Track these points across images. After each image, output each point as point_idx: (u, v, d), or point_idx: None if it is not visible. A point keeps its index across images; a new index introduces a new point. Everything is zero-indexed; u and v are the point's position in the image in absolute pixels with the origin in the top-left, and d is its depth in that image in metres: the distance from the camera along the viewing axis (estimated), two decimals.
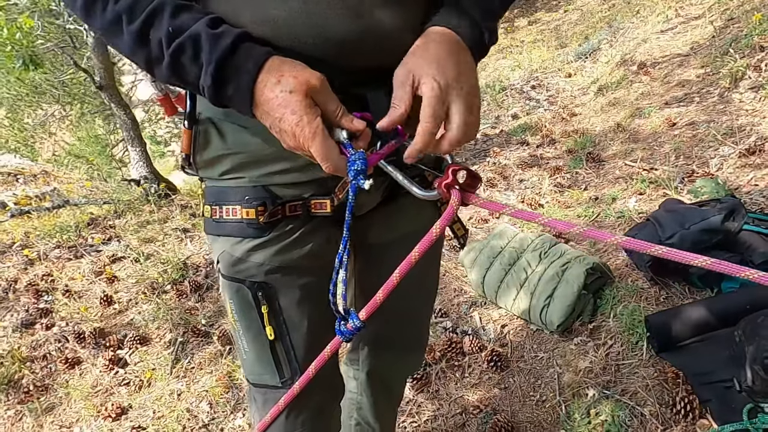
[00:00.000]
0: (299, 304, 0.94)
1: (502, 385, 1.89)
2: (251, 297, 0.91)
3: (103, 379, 2.33)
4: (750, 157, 2.62)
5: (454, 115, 0.71)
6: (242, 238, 0.88)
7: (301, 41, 0.74)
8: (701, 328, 1.64)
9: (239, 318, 0.94)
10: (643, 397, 1.61)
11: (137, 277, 3.00)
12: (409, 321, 1.22)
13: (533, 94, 5.27)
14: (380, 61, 0.78)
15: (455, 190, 0.76)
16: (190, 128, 0.86)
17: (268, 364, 0.96)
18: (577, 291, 1.97)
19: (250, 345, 0.95)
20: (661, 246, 0.62)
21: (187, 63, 0.69)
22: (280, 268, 0.90)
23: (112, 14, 0.71)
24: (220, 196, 0.89)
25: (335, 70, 0.75)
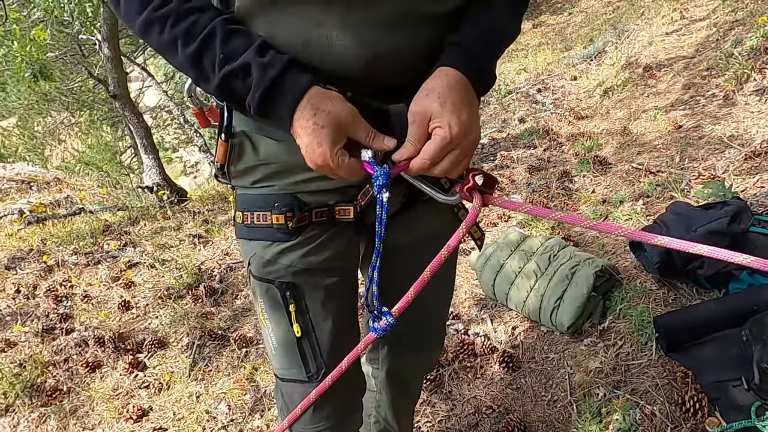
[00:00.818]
0: (324, 303, 1.01)
1: (514, 385, 1.94)
2: (280, 296, 0.98)
3: (123, 382, 2.39)
4: (756, 159, 2.65)
5: (448, 158, 0.79)
6: (272, 241, 0.95)
7: (327, 62, 0.81)
8: (709, 328, 1.68)
9: (269, 316, 1.01)
10: (653, 397, 1.65)
11: (153, 283, 3.06)
12: (428, 321, 1.29)
13: (539, 98, 5.31)
14: (401, 79, 0.86)
15: (476, 193, 0.83)
16: (227, 141, 0.93)
17: (296, 360, 1.02)
18: (587, 293, 2.01)
19: (279, 341, 1.02)
20: (664, 237, 0.67)
21: (237, 86, 0.78)
22: (306, 269, 0.97)
23: (169, 37, 0.79)
24: (251, 203, 0.96)
25: (359, 88, 0.83)
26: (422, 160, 0.78)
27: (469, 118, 0.78)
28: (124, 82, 4.05)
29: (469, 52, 0.83)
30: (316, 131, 0.76)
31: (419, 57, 0.86)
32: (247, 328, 2.59)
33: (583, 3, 8.82)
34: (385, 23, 0.80)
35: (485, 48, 0.86)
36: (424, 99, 0.78)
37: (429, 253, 1.10)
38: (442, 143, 0.77)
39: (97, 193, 5.31)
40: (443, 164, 0.79)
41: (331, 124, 0.75)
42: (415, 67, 0.87)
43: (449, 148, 0.78)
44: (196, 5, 0.79)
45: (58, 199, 5.06)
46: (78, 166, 10.62)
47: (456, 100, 0.78)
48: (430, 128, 0.78)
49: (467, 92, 0.81)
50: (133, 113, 4.15)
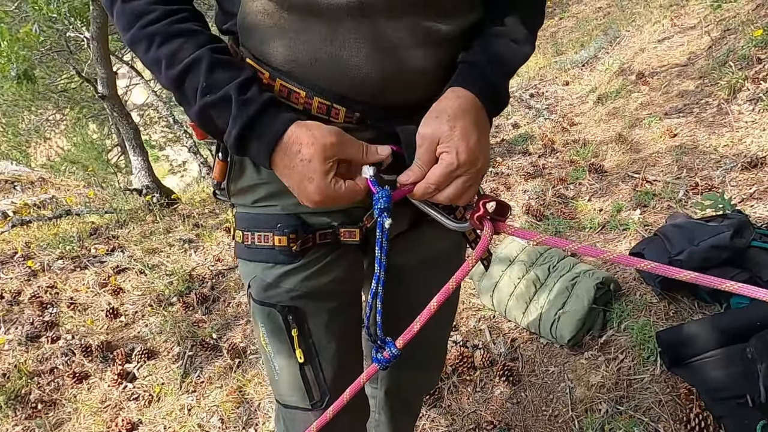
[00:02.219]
0: (327, 328, 0.97)
1: (515, 399, 1.91)
2: (282, 321, 0.93)
3: (111, 393, 2.32)
4: (752, 171, 2.66)
5: (454, 184, 0.76)
6: (273, 263, 0.91)
7: (333, 82, 0.78)
8: (712, 344, 1.66)
9: (270, 341, 0.97)
10: (657, 414, 1.63)
11: (143, 289, 2.99)
12: (430, 342, 1.24)
13: (533, 103, 5.31)
14: (411, 99, 0.82)
15: (487, 221, 0.79)
16: (225, 159, 0.89)
17: (298, 387, 0.98)
18: (588, 305, 1.99)
19: (280, 367, 0.98)
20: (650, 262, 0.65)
21: (215, 117, 0.75)
22: (309, 293, 0.92)
23: (154, 56, 0.76)
24: (252, 223, 0.91)
25: (366, 108, 0.80)
26: (427, 185, 0.75)
27: (478, 144, 0.75)
28: (113, 83, 3.96)
29: (483, 73, 0.80)
30: (303, 167, 0.72)
31: (432, 77, 0.83)
32: (239, 337, 2.53)
33: (574, 8, 8.86)
34: (398, 41, 0.76)
35: (499, 68, 0.83)
36: (434, 121, 0.75)
37: (435, 274, 1.06)
38: (448, 169, 0.74)
39: (83, 194, 5.20)
40: (449, 191, 0.76)
41: (317, 155, 0.71)
42: (428, 87, 0.83)
43: (456, 175, 0.75)
44: (186, 28, 0.76)
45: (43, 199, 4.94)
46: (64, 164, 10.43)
47: (466, 124, 0.74)
48: (438, 152, 0.75)
49: (478, 115, 0.77)
50: (123, 114, 4.06)
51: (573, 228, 2.80)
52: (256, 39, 0.78)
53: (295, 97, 0.79)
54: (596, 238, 2.65)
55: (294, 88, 0.79)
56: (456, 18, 0.80)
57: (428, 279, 1.06)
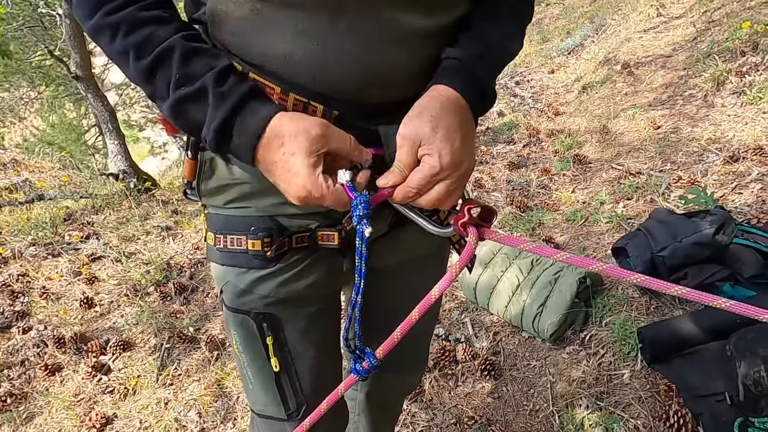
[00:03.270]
0: (304, 334, 0.93)
1: (496, 394, 1.90)
2: (256, 328, 0.89)
3: (85, 386, 2.26)
4: (734, 165, 2.67)
5: (437, 189, 0.71)
6: (247, 269, 0.86)
7: (311, 78, 0.72)
8: (692, 341, 1.67)
9: (244, 349, 0.92)
10: (636, 410, 1.64)
11: (119, 278, 2.91)
12: (412, 345, 1.21)
13: (518, 91, 5.28)
14: (392, 98, 0.77)
15: (472, 228, 0.75)
16: (194, 158, 0.83)
17: (274, 396, 0.94)
18: (570, 300, 1.99)
19: (255, 376, 0.94)
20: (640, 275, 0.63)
21: (192, 112, 0.69)
22: (285, 299, 0.88)
23: (120, 47, 0.69)
24: (225, 225, 0.86)
25: (347, 106, 0.75)
26: (407, 188, 0.71)
27: (462, 146, 0.70)
28: (87, 63, 3.81)
29: (469, 70, 0.75)
30: (287, 162, 0.67)
31: (415, 75, 0.77)
32: (218, 328, 2.48)
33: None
34: (379, 36, 0.71)
35: (486, 65, 0.77)
36: (415, 120, 0.70)
37: (416, 277, 1.04)
38: (430, 172, 0.69)
39: (58, 177, 5.04)
40: (431, 195, 0.72)
41: (303, 147, 0.66)
42: (410, 85, 0.78)
43: (438, 179, 0.70)
44: (154, 15, 0.69)
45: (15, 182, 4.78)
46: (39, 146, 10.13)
47: (450, 125, 0.69)
48: (420, 154, 0.70)
49: (463, 115, 0.72)
50: (97, 96, 3.91)
51: (557, 220, 2.80)
52: (227, 30, 0.72)
53: (269, 92, 0.73)
54: (579, 231, 2.64)
55: (268, 83, 0.73)
56: (440, 12, 0.75)
57: (409, 281, 1.03)
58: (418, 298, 0.78)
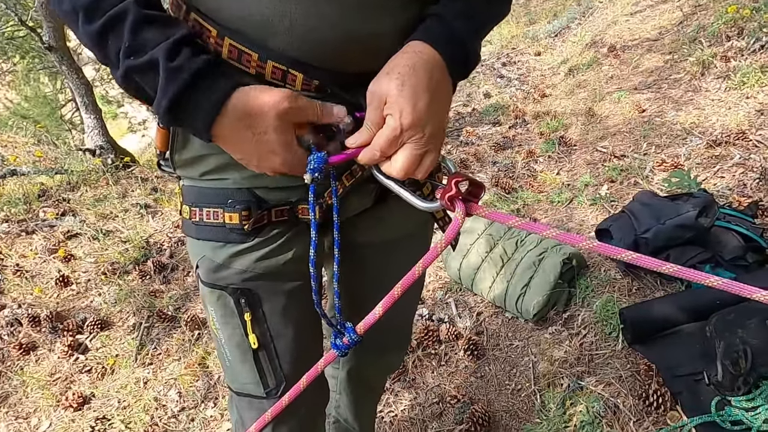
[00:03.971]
0: (284, 311, 0.91)
1: (479, 373, 1.91)
2: (233, 304, 0.87)
3: (62, 366, 2.21)
4: (716, 149, 2.69)
5: (403, 153, 0.68)
6: (224, 243, 0.83)
7: (289, 45, 0.69)
8: (673, 322, 1.69)
9: (221, 326, 0.90)
10: (617, 389, 1.66)
11: (96, 256, 2.84)
12: (395, 322, 1.20)
13: (504, 72, 5.25)
14: (374, 65, 0.73)
15: (459, 202, 0.73)
16: (167, 127, 0.79)
17: (252, 374, 0.92)
18: (554, 281, 1.99)
19: (232, 353, 0.92)
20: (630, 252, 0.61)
21: (142, 83, 0.65)
22: (264, 274, 0.86)
23: (68, 6, 0.65)
24: (200, 198, 0.83)
25: (327, 74, 0.72)
26: (372, 150, 0.68)
27: (427, 108, 0.66)
28: (61, 33, 3.66)
29: (450, 27, 0.71)
30: (260, 142, 0.65)
31: (397, 40, 0.73)
32: (199, 308, 2.44)
33: None
34: (359, 1, 0.68)
35: (469, 23, 0.73)
36: (384, 77, 0.67)
37: (399, 253, 1.01)
38: (392, 133, 0.66)
39: (32, 152, 4.88)
40: (399, 161, 0.68)
41: (272, 126, 0.64)
42: (393, 52, 0.73)
43: (401, 141, 0.67)
44: None
45: None
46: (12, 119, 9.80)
47: (416, 84, 0.65)
48: (384, 113, 0.67)
49: (435, 74, 0.68)
50: (72, 68, 3.77)
51: (541, 201, 2.80)
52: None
53: (246, 59, 0.70)
54: (563, 213, 2.65)
55: (245, 50, 0.69)
56: None
57: (393, 259, 1.02)
58: (401, 276, 0.76)
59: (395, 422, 1.78)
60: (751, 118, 2.83)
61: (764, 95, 2.99)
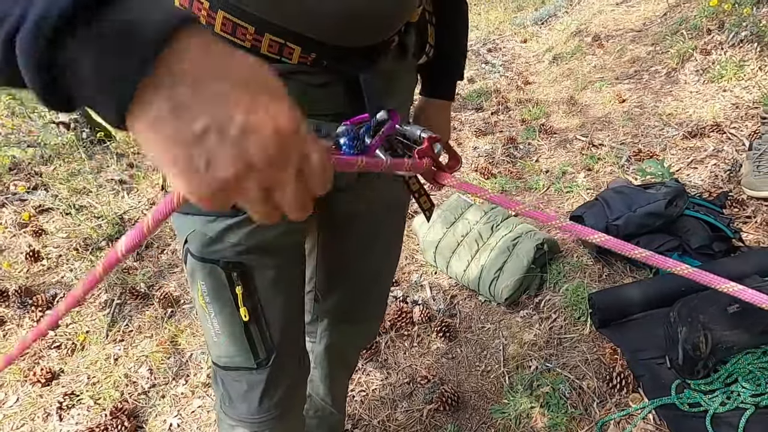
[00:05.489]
0: (275, 284, 0.92)
1: (450, 355, 1.93)
2: (225, 277, 0.86)
3: None
4: (691, 140, 2.74)
5: None
6: (216, 217, 0.82)
7: (293, 16, 0.68)
8: (640, 307, 1.73)
9: (211, 300, 0.89)
10: (582, 371, 1.70)
11: (68, 232, 2.79)
12: (372, 291, 1.23)
13: (489, 58, 5.23)
14: (372, 40, 0.76)
15: (428, 159, 0.72)
16: None
17: (242, 346, 0.92)
18: (527, 265, 2.02)
19: (223, 327, 0.91)
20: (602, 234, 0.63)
21: None
22: (256, 247, 0.86)
23: None
24: None
25: (325, 50, 0.72)
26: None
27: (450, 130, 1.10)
28: None
29: (455, 73, 1.03)
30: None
31: (403, 15, 0.76)
32: (173, 286, 2.42)
33: None
34: None
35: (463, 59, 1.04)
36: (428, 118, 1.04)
37: (380, 225, 1.06)
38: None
39: (3, 124, 4.74)
40: None
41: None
42: (392, 27, 0.76)
43: None
44: None
45: None
46: None
47: (447, 121, 1.09)
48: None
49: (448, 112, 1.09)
50: None
51: (519, 188, 2.82)
52: None
53: (241, 33, 0.69)
54: (540, 199, 2.67)
55: (240, 23, 0.68)
56: None
57: (374, 229, 1.06)
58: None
59: (366, 401, 1.80)
60: (727, 111, 2.88)
61: (740, 89, 3.04)
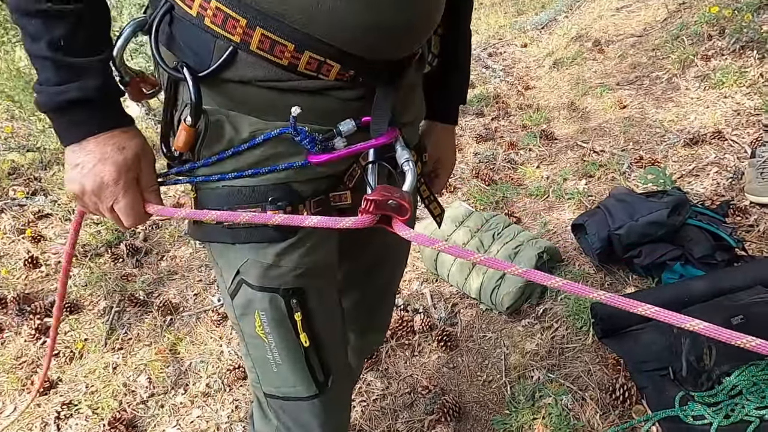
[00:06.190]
0: (327, 303, 0.91)
1: (451, 364, 1.92)
2: (284, 305, 0.84)
3: (28, 349, 2.17)
4: (693, 147, 2.73)
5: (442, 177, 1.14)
6: (267, 242, 0.80)
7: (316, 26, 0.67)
8: (642, 318, 1.71)
9: (272, 330, 0.86)
10: (585, 382, 1.68)
11: (67, 238, 2.77)
12: (384, 303, 1.25)
13: (490, 63, 5.23)
14: (410, 51, 0.80)
15: (369, 216, 0.71)
16: (194, 125, 0.73)
17: (304, 375, 0.90)
18: None
19: (284, 357, 0.88)
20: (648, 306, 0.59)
21: None
22: (310, 269, 0.84)
23: None
24: (232, 199, 0.78)
25: (361, 65, 0.73)
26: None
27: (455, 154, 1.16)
28: None
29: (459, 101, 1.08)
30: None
31: (434, 25, 0.78)
32: (172, 293, 2.41)
33: None
34: None
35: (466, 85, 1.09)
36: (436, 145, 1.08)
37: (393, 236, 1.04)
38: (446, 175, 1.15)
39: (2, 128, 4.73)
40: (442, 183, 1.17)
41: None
42: (419, 41, 0.79)
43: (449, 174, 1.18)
44: None
45: None
46: None
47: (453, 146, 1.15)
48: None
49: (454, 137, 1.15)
50: None
51: (520, 195, 2.81)
52: None
53: (279, 50, 0.68)
54: (541, 206, 2.66)
55: (279, 40, 0.67)
56: None
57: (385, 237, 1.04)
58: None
59: (366, 411, 1.79)
60: (728, 118, 2.87)
61: (741, 95, 3.03)
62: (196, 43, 0.70)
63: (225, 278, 0.86)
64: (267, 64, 0.69)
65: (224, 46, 0.69)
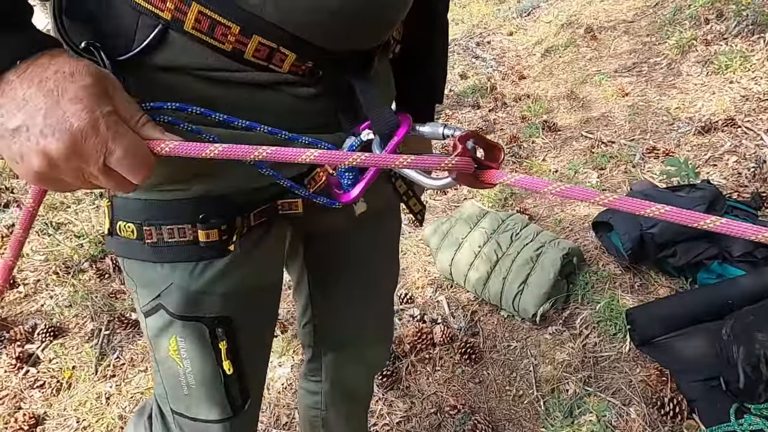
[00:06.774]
0: (258, 326, 0.81)
1: (477, 378, 1.79)
2: (208, 334, 0.72)
3: (9, 381, 1.96)
4: (705, 135, 2.64)
5: None
6: (196, 262, 0.67)
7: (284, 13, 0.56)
8: (684, 323, 1.61)
9: (189, 356, 0.74)
10: (628, 396, 1.57)
11: (46, 253, 2.56)
12: (374, 311, 1.08)
13: (479, 52, 5.10)
14: (380, 40, 0.69)
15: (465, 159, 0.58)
16: None
17: (219, 400, 0.78)
18: (554, 278, 1.88)
19: (199, 382, 0.76)
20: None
21: None
22: (246, 293, 0.73)
23: None
24: (155, 213, 0.64)
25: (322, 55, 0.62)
26: None
27: None
28: None
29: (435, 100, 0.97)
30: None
31: (406, 9, 0.68)
32: None
33: None
34: None
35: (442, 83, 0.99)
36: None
37: (370, 234, 0.92)
38: None
39: None
40: None
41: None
42: (387, 32, 0.69)
43: None
44: None
45: None
46: None
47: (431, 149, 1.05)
48: None
49: None
50: None
51: (529, 190, 2.68)
52: None
53: (221, 32, 0.54)
54: (553, 202, 2.54)
55: (221, 20, 0.54)
56: None
57: (364, 238, 0.92)
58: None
59: None
60: (737, 104, 2.79)
61: (747, 80, 2.96)
62: (113, 19, 0.54)
63: (140, 296, 0.72)
64: (206, 48, 0.56)
65: (151, 24, 0.54)
